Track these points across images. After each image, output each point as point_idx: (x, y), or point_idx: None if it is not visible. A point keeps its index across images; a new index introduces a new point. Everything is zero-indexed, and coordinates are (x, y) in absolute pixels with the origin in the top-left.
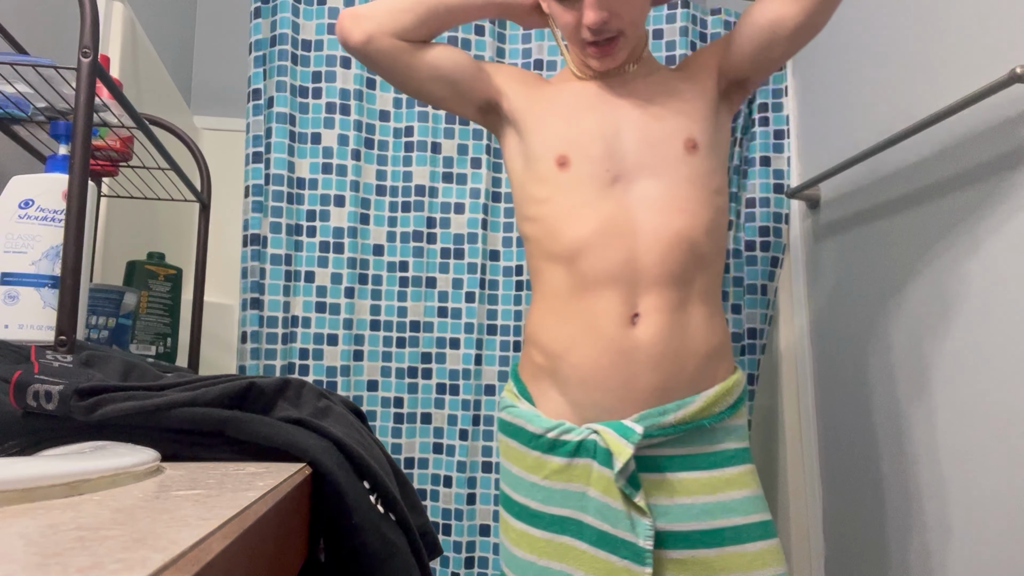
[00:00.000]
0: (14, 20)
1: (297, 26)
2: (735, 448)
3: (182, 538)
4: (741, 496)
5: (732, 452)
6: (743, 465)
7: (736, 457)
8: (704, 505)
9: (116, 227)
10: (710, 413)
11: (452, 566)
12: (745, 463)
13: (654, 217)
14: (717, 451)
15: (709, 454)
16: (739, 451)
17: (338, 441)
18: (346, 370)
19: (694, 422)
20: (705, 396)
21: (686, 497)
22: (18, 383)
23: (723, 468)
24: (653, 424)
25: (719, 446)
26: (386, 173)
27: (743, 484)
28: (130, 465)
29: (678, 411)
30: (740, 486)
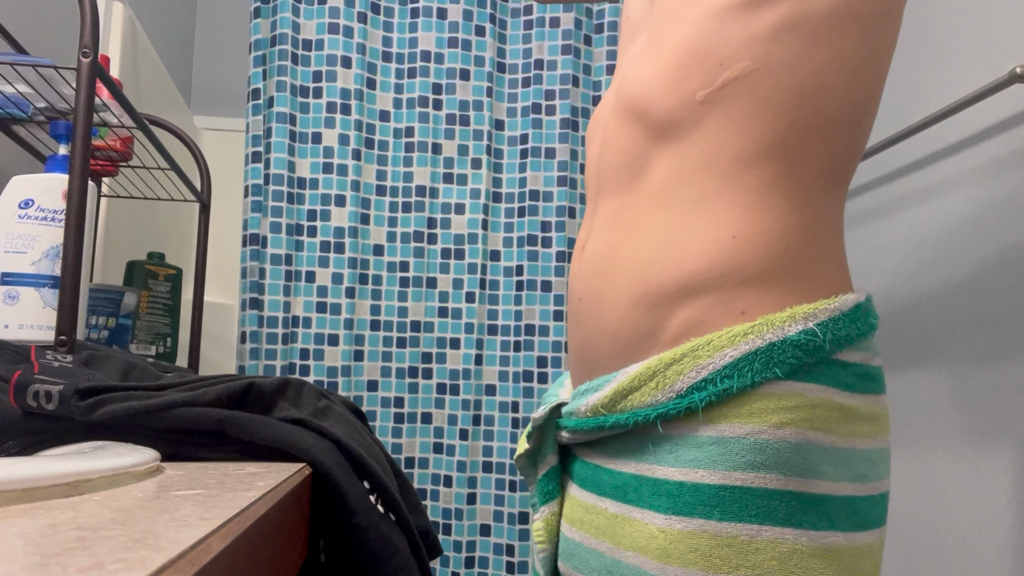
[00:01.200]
0: (14, 20)
1: (297, 26)
2: (671, 481)
3: (182, 538)
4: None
5: (664, 486)
6: (687, 519)
7: (669, 496)
8: (604, 560)
9: (116, 227)
10: (634, 405)
11: (452, 566)
12: (694, 515)
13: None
14: (635, 475)
15: (621, 475)
16: (679, 488)
17: (338, 441)
18: (346, 370)
19: (601, 418)
20: (630, 372)
21: (589, 535)
22: (18, 383)
23: (641, 508)
24: (571, 410)
25: (641, 466)
26: (386, 173)
27: (671, 556)
28: (130, 465)
29: (592, 394)
30: (666, 557)
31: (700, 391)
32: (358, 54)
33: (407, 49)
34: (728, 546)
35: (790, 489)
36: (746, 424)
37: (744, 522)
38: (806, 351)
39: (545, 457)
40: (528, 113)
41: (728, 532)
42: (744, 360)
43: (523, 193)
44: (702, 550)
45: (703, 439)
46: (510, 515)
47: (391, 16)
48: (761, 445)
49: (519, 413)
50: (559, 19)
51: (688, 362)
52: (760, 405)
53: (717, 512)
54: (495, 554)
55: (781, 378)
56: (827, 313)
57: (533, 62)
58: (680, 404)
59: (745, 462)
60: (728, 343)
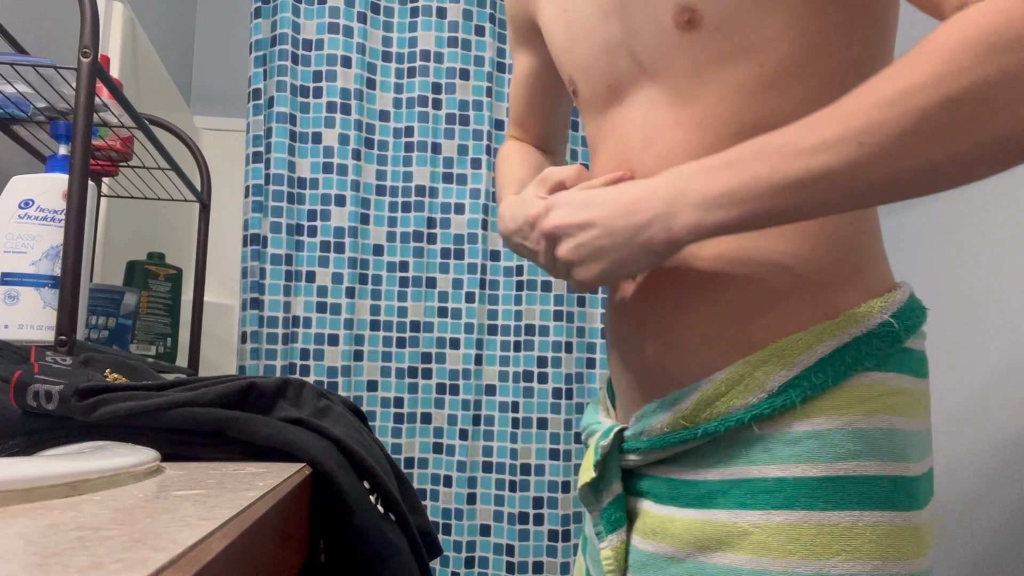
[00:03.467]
0: (14, 20)
1: (297, 26)
2: (769, 479)
3: (182, 538)
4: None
5: (759, 484)
6: (788, 512)
7: (766, 493)
8: (684, 566)
9: (116, 227)
10: (722, 411)
11: (452, 566)
12: (796, 508)
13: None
14: (722, 480)
15: (705, 483)
16: (779, 484)
17: (338, 441)
18: (346, 370)
19: (685, 431)
20: (714, 379)
21: (667, 544)
22: (18, 383)
23: (730, 510)
24: (639, 431)
25: (730, 470)
26: (386, 173)
27: (769, 549)
28: (130, 465)
29: (666, 411)
30: (763, 550)
31: (794, 388)
32: (358, 54)
33: (407, 49)
34: (829, 533)
35: (886, 474)
36: (842, 415)
37: (847, 509)
38: (887, 341)
39: (610, 485)
40: None
41: (831, 520)
42: (835, 355)
43: None
44: (803, 540)
45: (799, 434)
46: (510, 515)
47: (391, 16)
48: (859, 434)
49: (519, 413)
50: None
51: (777, 362)
52: (853, 395)
53: (820, 502)
54: (495, 554)
55: (869, 369)
56: (896, 304)
57: None
58: (774, 403)
59: (845, 452)
60: (816, 340)
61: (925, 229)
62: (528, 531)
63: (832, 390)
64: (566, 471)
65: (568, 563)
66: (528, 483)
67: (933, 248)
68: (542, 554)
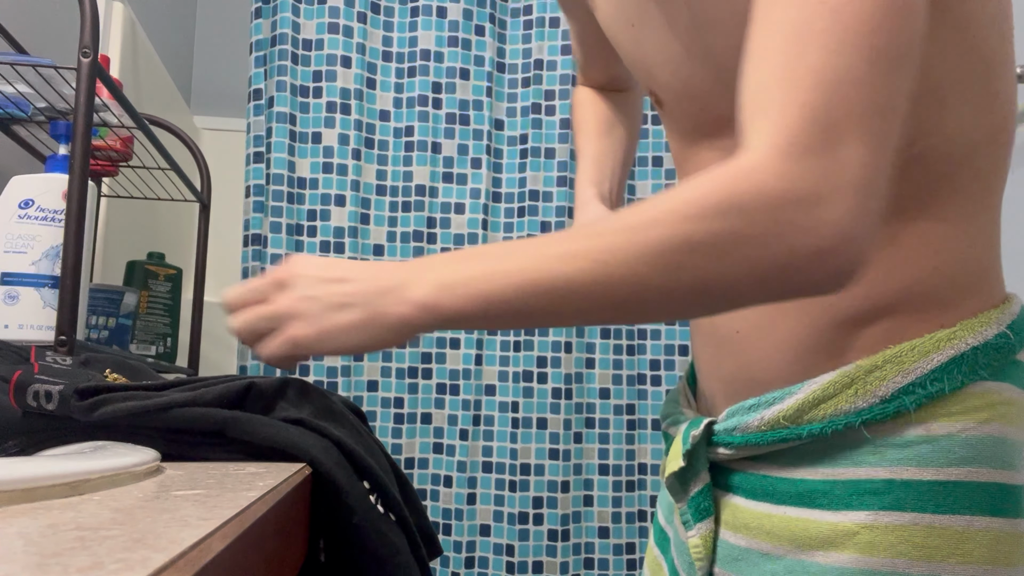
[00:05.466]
0: (14, 20)
1: (298, 26)
2: (877, 480)
3: (182, 538)
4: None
5: (866, 485)
6: (899, 513)
7: (874, 494)
8: (783, 563)
9: (116, 227)
10: (829, 413)
11: (452, 566)
12: (907, 509)
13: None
14: (824, 480)
15: (804, 482)
16: (888, 485)
17: (338, 441)
18: (346, 370)
19: (786, 430)
20: (821, 382)
21: (762, 540)
22: (18, 383)
23: (834, 510)
24: (732, 427)
25: (834, 471)
26: (386, 173)
27: (879, 548)
28: (130, 465)
29: (766, 409)
30: (871, 550)
31: (909, 394)
32: (358, 54)
33: (407, 48)
34: (941, 536)
35: (996, 481)
36: (956, 422)
37: (959, 514)
38: (1002, 352)
39: (698, 474)
40: (528, 113)
41: (943, 523)
42: (952, 363)
43: (523, 193)
44: (914, 541)
45: (912, 438)
46: (510, 515)
47: (391, 16)
48: (973, 441)
49: (519, 413)
50: (559, 19)
51: (891, 368)
52: (968, 404)
53: (931, 505)
54: (495, 554)
55: (984, 379)
56: (1011, 316)
57: (533, 62)
58: (888, 408)
59: (959, 457)
60: (933, 348)
61: None
62: (528, 531)
63: (947, 397)
64: (566, 471)
65: (568, 563)
66: (528, 483)
67: None
68: (542, 554)
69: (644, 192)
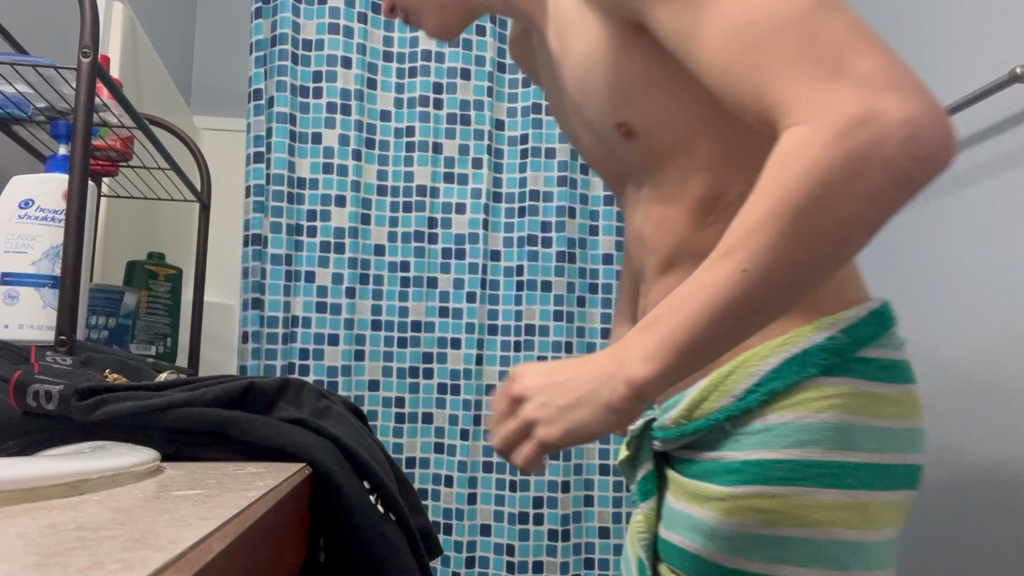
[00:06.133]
0: (14, 20)
1: (298, 26)
2: (736, 461)
3: (182, 538)
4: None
5: (731, 465)
6: (748, 486)
7: (735, 472)
8: (692, 519)
9: (116, 227)
10: (706, 412)
11: (453, 566)
12: (754, 483)
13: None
14: (711, 461)
15: (703, 464)
16: (743, 464)
17: (338, 441)
18: (347, 370)
19: (681, 427)
20: (699, 386)
21: (682, 503)
22: (18, 383)
23: (712, 484)
24: (659, 424)
25: (715, 454)
26: (387, 173)
27: (718, 509)
28: (130, 465)
29: (671, 411)
30: (725, 512)
31: (753, 393)
32: (358, 54)
33: (407, 49)
34: (780, 503)
35: (832, 459)
36: (791, 412)
37: (795, 485)
38: (832, 352)
39: (643, 462)
40: (528, 113)
41: (781, 493)
42: (784, 365)
43: (523, 193)
44: (759, 507)
45: (759, 427)
46: (510, 515)
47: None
48: (808, 427)
49: None
50: None
51: (740, 372)
52: (803, 396)
53: (772, 479)
54: (495, 554)
55: (817, 375)
56: (847, 321)
57: None
58: (739, 405)
59: (793, 441)
60: (770, 352)
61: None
62: (528, 531)
63: (785, 393)
64: (566, 471)
65: (568, 563)
66: (528, 483)
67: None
68: (542, 554)
69: None
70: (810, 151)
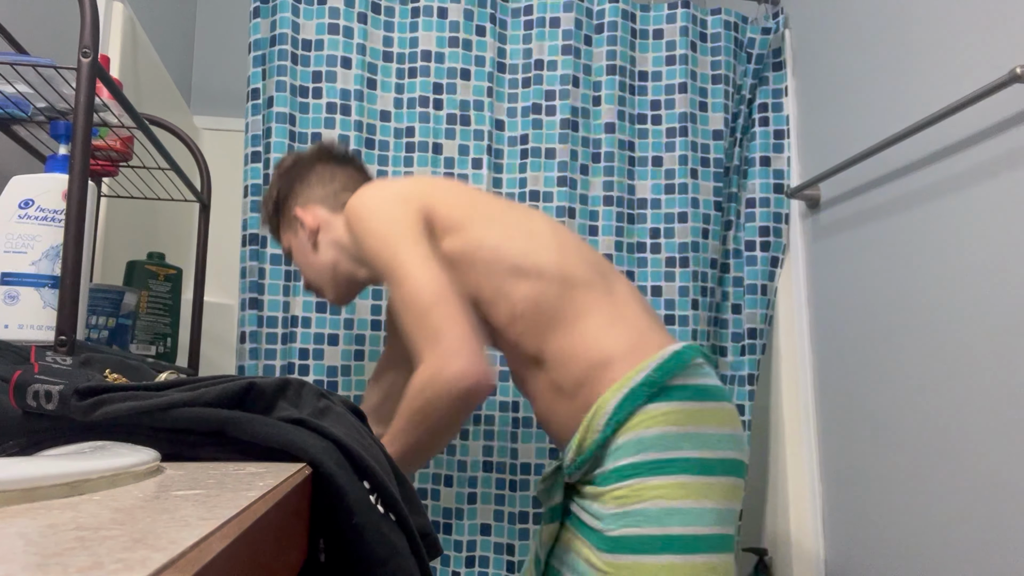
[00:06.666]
0: (14, 20)
1: (297, 26)
2: (609, 470)
3: (182, 538)
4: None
5: (609, 473)
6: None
7: (610, 477)
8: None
9: (116, 227)
10: (584, 448)
11: (453, 566)
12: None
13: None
14: (599, 474)
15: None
16: (614, 471)
17: (338, 441)
18: (347, 370)
19: (576, 462)
20: (578, 431)
21: (583, 510)
22: (18, 383)
23: (599, 486)
24: (564, 465)
25: (599, 469)
26: (387, 174)
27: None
28: (130, 465)
29: (568, 452)
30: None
31: (608, 425)
32: (358, 54)
33: (407, 49)
34: (636, 491)
35: (660, 457)
36: (633, 432)
37: (637, 477)
38: (649, 385)
39: (555, 494)
40: (528, 113)
41: (629, 484)
42: (622, 401)
43: (523, 193)
44: (617, 496)
45: (616, 446)
46: (510, 515)
47: (392, 16)
48: (641, 439)
49: (519, 413)
50: (559, 19)
51: (599, 414)
52: (637, 420)
53: (624, 476)
54: (495, 553)
55: (644, 404)
56: (656, 361)
57: (533, 62)
58: (603, 435)
59: (635, 450)
60: (612, 396)
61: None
62: (528, 530)
63: (626, 420)
64: None
65: None
66: (528, 483)
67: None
68: None
69: (644, 191)
70: (419, 386)
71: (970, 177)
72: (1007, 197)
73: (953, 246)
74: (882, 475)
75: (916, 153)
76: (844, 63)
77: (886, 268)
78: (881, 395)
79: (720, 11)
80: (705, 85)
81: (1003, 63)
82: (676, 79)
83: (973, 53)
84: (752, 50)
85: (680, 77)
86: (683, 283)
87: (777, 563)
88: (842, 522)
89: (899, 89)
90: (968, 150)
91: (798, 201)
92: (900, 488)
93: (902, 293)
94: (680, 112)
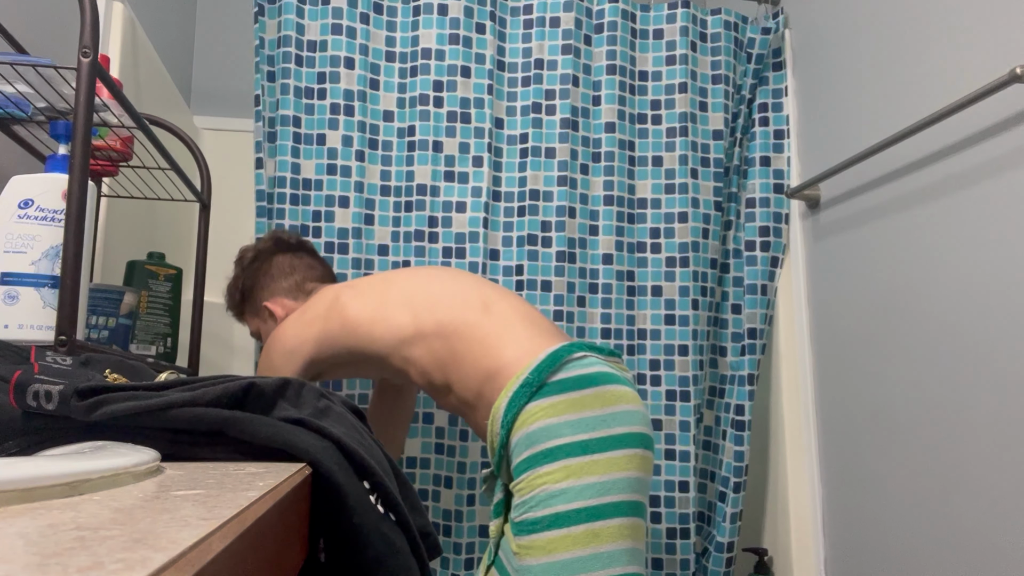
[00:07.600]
0: (14, 20)
1: (301, 27)
2: (522, 460)
3: (182, 538)
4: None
5: (524, 461)
6: (516, 479)
7: (523, 467)
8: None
9: (116, 227)
10: (495, 448)
11: (452, 567)
12: (521, 474)
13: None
14: (518, 462)
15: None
16: (524, 461)
17: (338, 441)
18: None
19: (495, 459)
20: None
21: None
22: (18, 383)
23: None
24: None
25: (516, 460)
26: (390, 173)
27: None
28: (130, 465)
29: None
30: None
31: (503, 427)
32: (361, 55)
33: (409, 48)
34: (526, 482)
35: (545, 447)
36: (523, 429)
37: (530, 469)
38: (528, 385)
39: (495, 494)
40: (528, 112)
41: (525, 476)
42: (509, 404)
43: (523, 192)
44: (519, 488)
45: (515, 442)
46: None
47: (393, 15)
48: (529, 435)
49: None
50: (559, 19)
51: (495, 417)
52: (523, 419)
53: (521, 471)
54: None
55: (527, 403)
56: (531, 364)
57: (533, 61)
58: (502, 436)
59: (525, 446)
60: (501, 401)
61: None
62: None
63: (514, 420)
64: None
65: None
66: None
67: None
68: None
69: (644, 191)
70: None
71: (970, 177)
72: (1007, 197)
73: (953, 246)
74: (882, 475)
75: (916, 153)
76: (844, 63)
77: (886, 268)
78: (881, 395)
79: (720, 11)
80: (705, 85)
81: (1003, 63)
82: (676, 79)
83: (973, 53)
84: (752, 50)
85: (680, 77)
86: (683, 283)
87: (777, 563)
88: (842, 522)
89: (899, 89)
90: (968, 150)
91: (798, 201)
92: (900, 488)
93: (902, 293)
94: (680, 112)
